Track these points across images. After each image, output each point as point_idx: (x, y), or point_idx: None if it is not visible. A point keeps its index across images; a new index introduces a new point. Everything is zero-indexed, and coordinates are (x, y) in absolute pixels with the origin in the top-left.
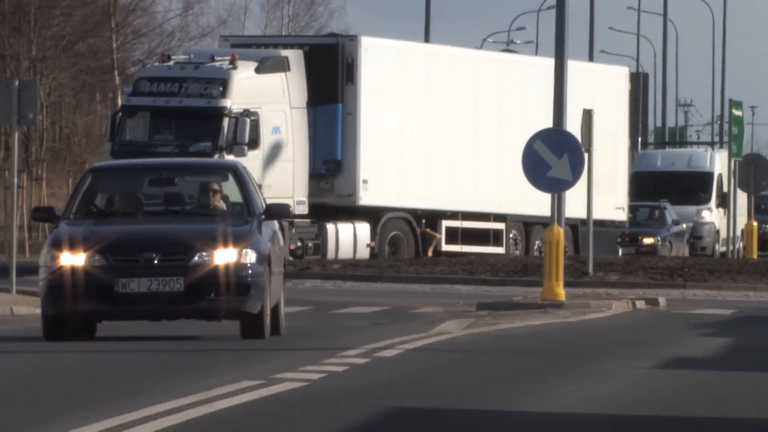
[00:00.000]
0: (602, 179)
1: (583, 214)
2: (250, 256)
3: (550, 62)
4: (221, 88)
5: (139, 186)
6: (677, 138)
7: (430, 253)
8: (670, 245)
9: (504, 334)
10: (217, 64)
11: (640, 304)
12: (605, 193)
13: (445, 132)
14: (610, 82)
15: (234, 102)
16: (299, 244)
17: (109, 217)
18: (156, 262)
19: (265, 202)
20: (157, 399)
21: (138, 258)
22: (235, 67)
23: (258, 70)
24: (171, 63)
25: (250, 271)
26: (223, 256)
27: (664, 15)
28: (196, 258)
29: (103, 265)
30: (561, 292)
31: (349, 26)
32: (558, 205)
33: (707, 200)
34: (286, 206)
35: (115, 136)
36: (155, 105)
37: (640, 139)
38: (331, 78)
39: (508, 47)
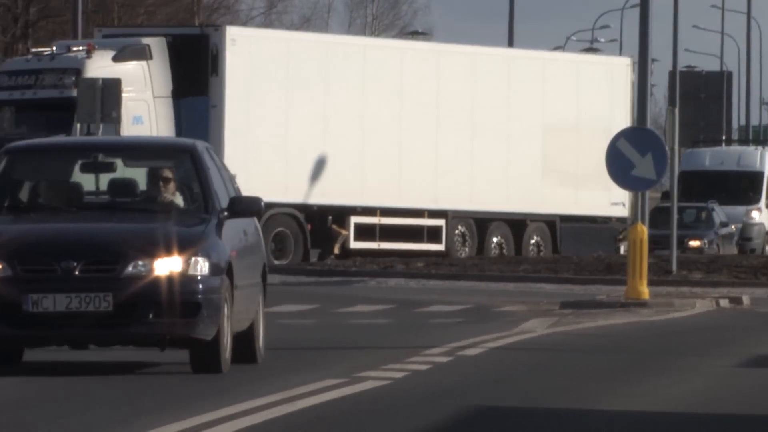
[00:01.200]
0: (593, 173)
1: (564, 210)
2: (201, 266)
3: (476, 50)
4: (74, 78)
5: (68, 172)
6: (761, 136)
7: (336, 251)
8: (718, 247)
9: (587, 333)
10: (72, 54)
11: (724, 303)
12: (598, 188)
13: (352, 125)
14: (607, 73)
15: None
16: None
17: (31, 212)
18: (77, 273)
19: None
20: (238, 398)
21: (54, 267)
22: (90, 57)
23: (116, 59)
24: (29, 56)
25: (200, 286)
26: (166, 265)
27: (748, 13)
28: (129, 268)
29: (8, 276)
30: (645, 291)
31: (433, 25)
32: (642, 203)
33: (757, 200)
34: (257, 200)
35: None
36: (11, 98)
37: (724, 137)
38: (199, 69)
39: (592, 46)
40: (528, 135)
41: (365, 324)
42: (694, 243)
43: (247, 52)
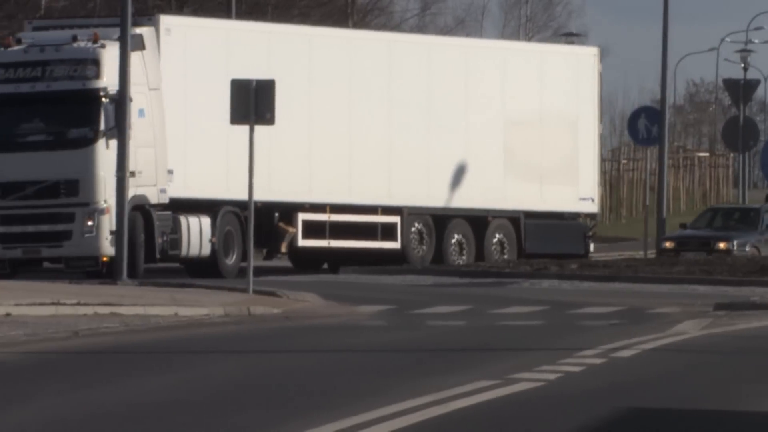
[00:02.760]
0: (559, 168)
1: (528, 206)
2: None
3: (431, 40)
4: (95, 69)
5: None
6: None
7: (284, 249)
8: (758, 250)
9: (742, 334)
10: (82, 44)
11: None
12: (565, 183)
13: (299, 118)
14: (574, 63)
15: (108, 83)
16: (163, 238)
17: None
18: None
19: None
20: (392, 399)
21: None
22: (103, 46)
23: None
24: (24, 46)
25: None
26: None
27: None
28: None
29: None
30: None
31: (587, 26)
32: None
33: None
34: None
35: None
36: (18, 92)
37: None
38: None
39: (746, 47)
40: (489, 128)
41: (518, 325)
42: (722, 245)
43: (183, 42)
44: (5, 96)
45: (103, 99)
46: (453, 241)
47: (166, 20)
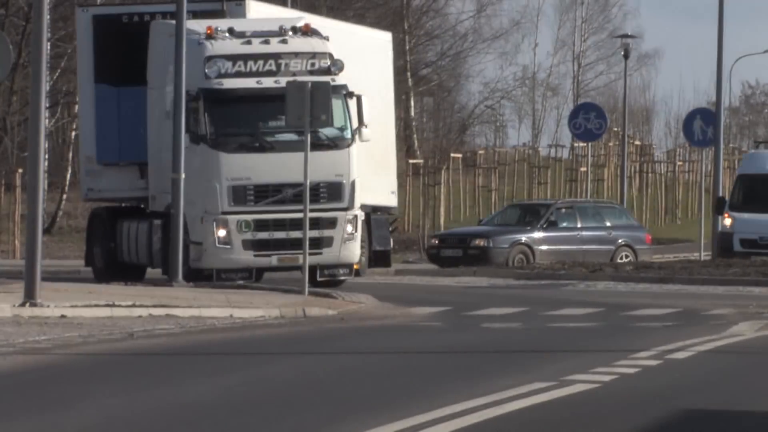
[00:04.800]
0: (379, 161)
1: (369, 201)
2: None
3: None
4: (338, 63)
5: None
6: None
7: None
8: (530, 248)
9: None
10: (308, 36)
11: None
12: (384, 174)
13: None
14: (377, 47)
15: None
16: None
17: None
18: None
19: None
20: (448, 400)
21: None
22: (328, 38)
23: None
24: (245, 38)
25: None
26: None
27: None
28: None
29: None
30: None
31: (642, 28)
32: None
33: None
34: None
35: (198, 126)
36: (260, 87)
37: None
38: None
39: None
40: None
41: (573, 327)
42: (479, 242)
43: None
44: (245, 91)
45: (350, 95)
46: None
47: (253, 5)
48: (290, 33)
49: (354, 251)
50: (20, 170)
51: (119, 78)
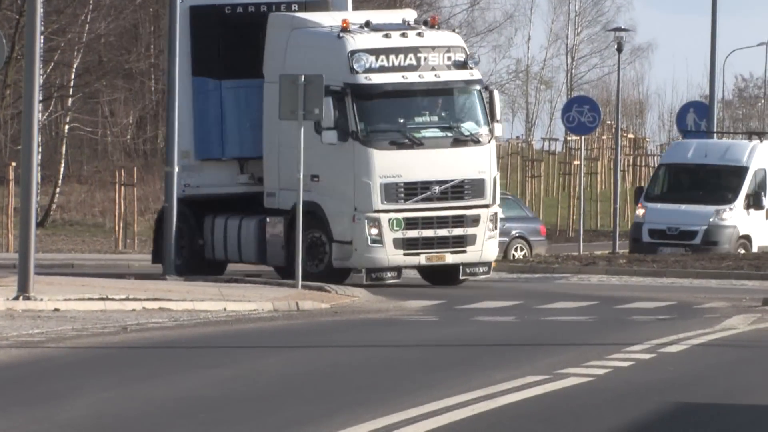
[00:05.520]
0: None
1: None
2: None
3: None
4: (475, 57)
5: None
6: None
7: None
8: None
9: None
10: (440, 29)
11: None
12: None
13: None
14: None
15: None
16: None
17: None
18: None
19: None
20: (441, 394)
21: None
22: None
23: None
24: (384, 32)
25: None
26: None
27: None
28: None
29: None
30: None
31: (636, 21)
32: None
33: (732, 199)
34: None
35: (348, 122)
36: (406, 81)
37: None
38: None
39: None
40: None
41: (567, 320)
42: None
43: None
44: (393, 86)
45: (478, 92)
46: None
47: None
48: (422, 26)
49: (494, 249)
50: (14, 164)
51: (221, 71)
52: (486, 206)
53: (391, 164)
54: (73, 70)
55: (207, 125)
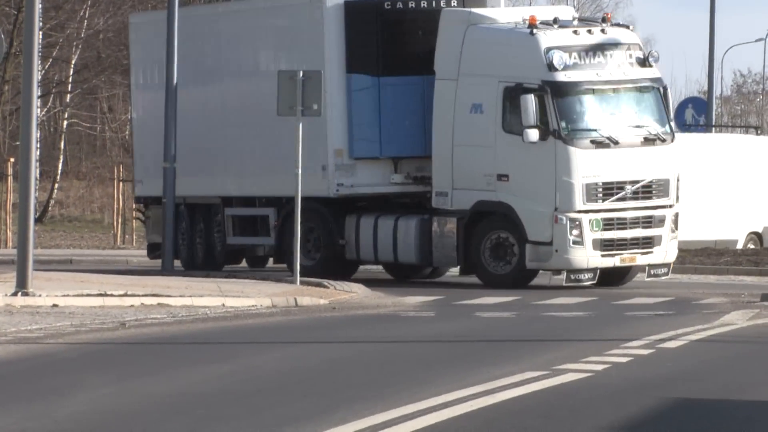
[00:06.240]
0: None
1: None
2: None
3: None
4: (654, 54)
5: None
6: None
7: None
8: None
9: None
10: (614, 27)
11: None
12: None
13: None
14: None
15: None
16: None
17: None
18: None
19: None
20: (440, 389)
21: None
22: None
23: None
24: (572, 28)
25: None
26: None
27: None
28: None
29: None
30: None
31: (634, 16)
32: None
33: None
34: None
35: (550, 121)
36: (601, 80)
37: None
38: None
39: None
40: None
41: (565, 316)
42: None
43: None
44: (589, 84)
45: (663, 90)
46: None
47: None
48: (601, 23)
49: (675, 250)
50: (12, 159)
51: (378, 67)
52: (670, 206)
53: (591, 164)
54: (72, 66)
55: (363, 123)
